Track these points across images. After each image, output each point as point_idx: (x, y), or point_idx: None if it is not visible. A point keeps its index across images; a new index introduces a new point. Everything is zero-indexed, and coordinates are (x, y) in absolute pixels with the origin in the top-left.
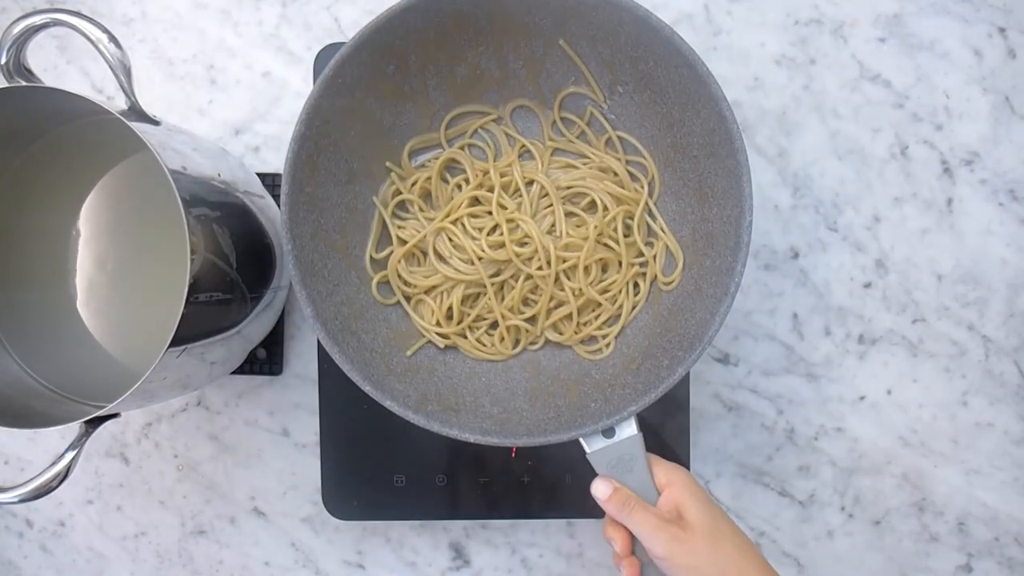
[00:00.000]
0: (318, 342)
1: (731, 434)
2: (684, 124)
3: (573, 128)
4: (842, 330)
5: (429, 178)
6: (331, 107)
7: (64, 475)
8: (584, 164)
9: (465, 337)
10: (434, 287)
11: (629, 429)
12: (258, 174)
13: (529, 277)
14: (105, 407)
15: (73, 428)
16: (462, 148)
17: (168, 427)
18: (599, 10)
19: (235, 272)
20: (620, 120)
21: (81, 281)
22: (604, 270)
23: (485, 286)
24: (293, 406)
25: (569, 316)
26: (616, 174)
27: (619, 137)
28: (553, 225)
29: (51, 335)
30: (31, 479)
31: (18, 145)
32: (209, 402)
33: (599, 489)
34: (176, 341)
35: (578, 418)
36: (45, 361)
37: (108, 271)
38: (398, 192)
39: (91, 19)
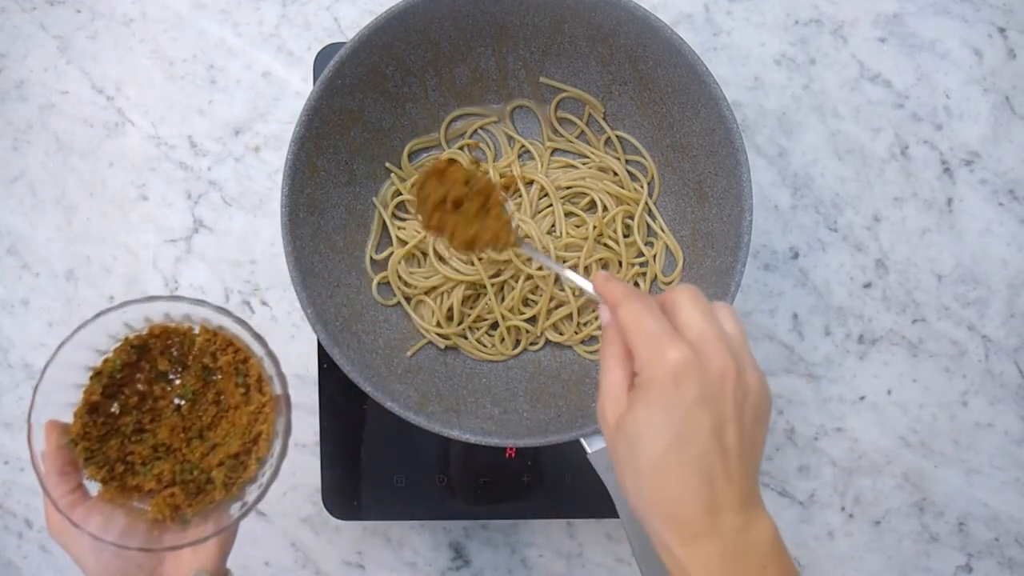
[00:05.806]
0: (318, 342)
1: None
2: (684, 124)
3: (572, 128)
4: (842, 330)
5: None
6: (331, 108)
7: None
8: (584, 164)
9: (465, 338)
10: (434, 288)
11: None
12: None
13: (529, 277)
14: None
15: None
16: (462, 148)
17: None
18: (598, 10)
19: None
20: (619, 120)
21: None
22: (604, 269)
23: (485, 286)
24: (293, 406)
25: (569, 316)
26: (616, 174)
27: (618, 137)
28: (553, 225)
29: None
30: None
31: None
32: None
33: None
34: None
35: (579, 418)
36: None
37: None
38: (398, 193)
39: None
